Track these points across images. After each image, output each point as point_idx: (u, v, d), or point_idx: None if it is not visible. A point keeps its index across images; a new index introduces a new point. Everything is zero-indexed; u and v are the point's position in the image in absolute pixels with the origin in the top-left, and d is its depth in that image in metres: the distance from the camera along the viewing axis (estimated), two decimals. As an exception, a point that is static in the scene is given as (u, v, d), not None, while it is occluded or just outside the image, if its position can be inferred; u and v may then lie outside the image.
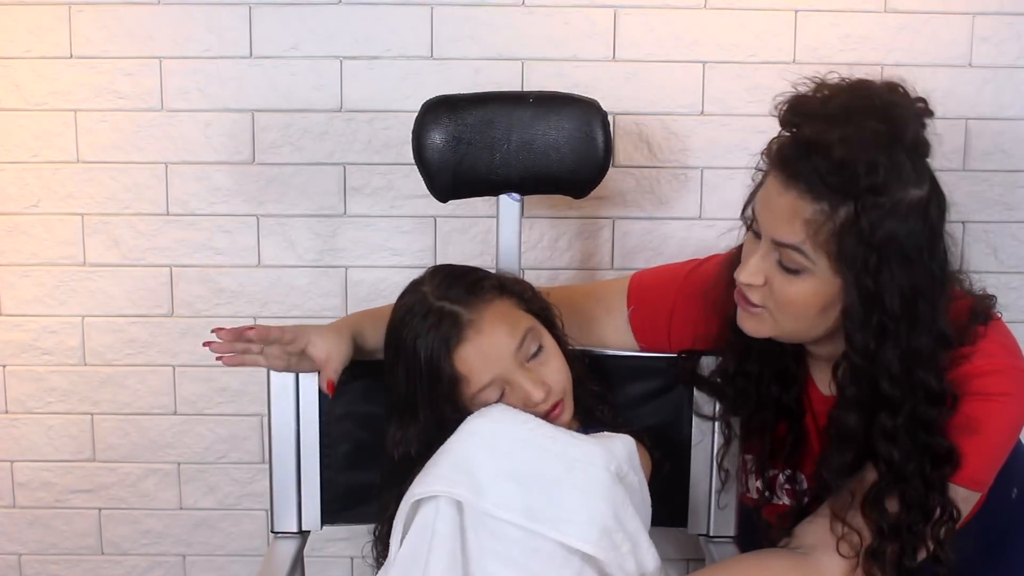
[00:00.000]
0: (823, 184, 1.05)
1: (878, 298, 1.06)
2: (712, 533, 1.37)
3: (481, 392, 1.16)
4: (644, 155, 1.78)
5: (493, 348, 1.15)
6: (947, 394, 1.10)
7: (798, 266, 1.09)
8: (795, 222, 1.08)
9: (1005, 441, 1.17)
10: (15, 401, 1.85)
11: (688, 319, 1.32)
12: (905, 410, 1.09)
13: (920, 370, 1.09)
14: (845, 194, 1.05)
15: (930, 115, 1.11)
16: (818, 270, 1.09)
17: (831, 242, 1.07)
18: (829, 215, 1.06)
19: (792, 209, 1.08)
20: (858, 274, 1.06)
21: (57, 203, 1.78)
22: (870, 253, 1.05)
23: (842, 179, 1.04)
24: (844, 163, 1.04)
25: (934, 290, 1.09)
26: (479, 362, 1.15)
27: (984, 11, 1.73)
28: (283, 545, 1.36)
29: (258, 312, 1.82)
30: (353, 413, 1.31)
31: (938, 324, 1.09)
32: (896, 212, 1.05)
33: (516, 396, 1.16)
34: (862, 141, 1.05)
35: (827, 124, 1.06)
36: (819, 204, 1.06)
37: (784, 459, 1.29)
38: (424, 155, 1.36)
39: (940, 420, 1.10)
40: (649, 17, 1.73)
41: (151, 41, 1.73)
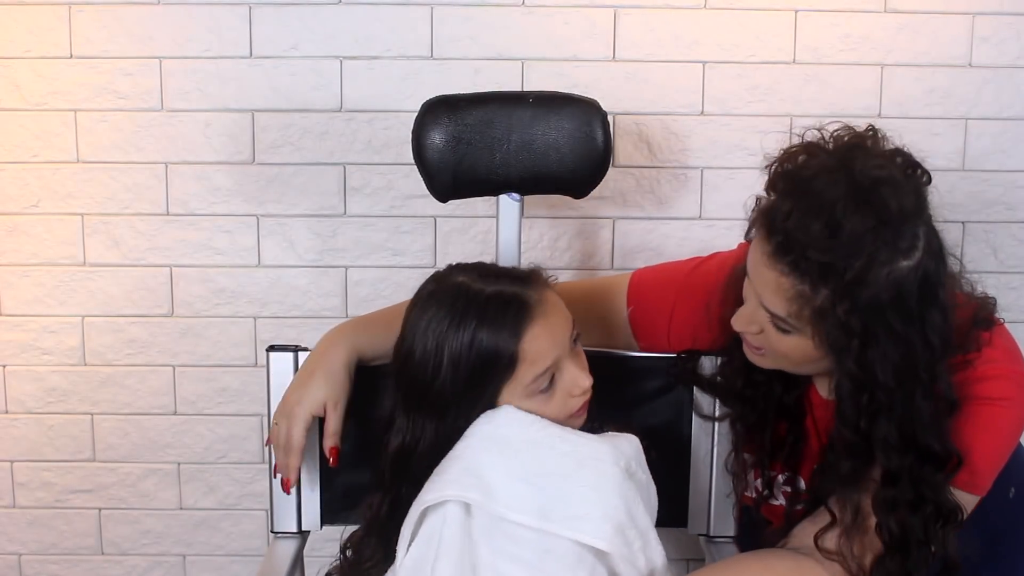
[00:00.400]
0: (803, 268, 1.04)
1: (866, 377, 1.06)
2: (712, 533, 1.37)
3: (541, 376, 1.11)
4: (644, 155, 1.78)
5: (559, 329, 1.13)
6: (952, 455, 1.09)
7: (788, 327, 1.10)
8: (779, 296, 1.07)
9: (1006, 445, 1.17)
10: (15, 401, 1.85)
11: (688, 320, 1.32)
12: (907, 475, 1.09)
13: (920, 434, 1.08)
14: (823, 284, 1.04)
15: (927, 182, 1.08)
16: (805, 338, 1.09)
17: (816, 322, 1.06)
18: (810, 297, 1.05)
19: (776, 284, 1.07)
20: (840, 356, 1.06)
21: (57, 203, 1.78)
22: (851, 338, 1.04)
23: (820, 272, 1.03)
24: (821, 261, 1.02)
25: (932, 355, 1.06)
26: (548, 342, 1.11)
27: (984, 11, 1.73)
28: (283, 545, 1.36)
29: (258, 312, 1.82)
30: (353, 413, 1.31)
31: (940, 387, 1.08)
32: (880, 292, 1.03)
33: (563, 383, 1.13)
34: (841, 239, 1.02)
35: (808, 216, 1.03)
36: (802, 284, 1.05)
37: (784, 460, 1.29)
38: (424, 155, 1.36)
39: (945, 427, 1.10)
40: (649, 17, 1.73)
41: (151, 41, 1.73)
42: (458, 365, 1.10)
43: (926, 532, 1.10)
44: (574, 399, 1.14)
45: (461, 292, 1.13)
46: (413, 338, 1.14)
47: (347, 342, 1.26)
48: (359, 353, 1.26)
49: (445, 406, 1.12)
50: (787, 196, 1.07)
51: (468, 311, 1.11)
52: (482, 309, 1.11)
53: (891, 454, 1.08)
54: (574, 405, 1.14)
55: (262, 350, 1.60)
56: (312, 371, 1.24)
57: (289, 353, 1.34)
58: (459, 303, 1.12)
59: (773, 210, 1.08)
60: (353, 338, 1.27)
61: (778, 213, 1.06)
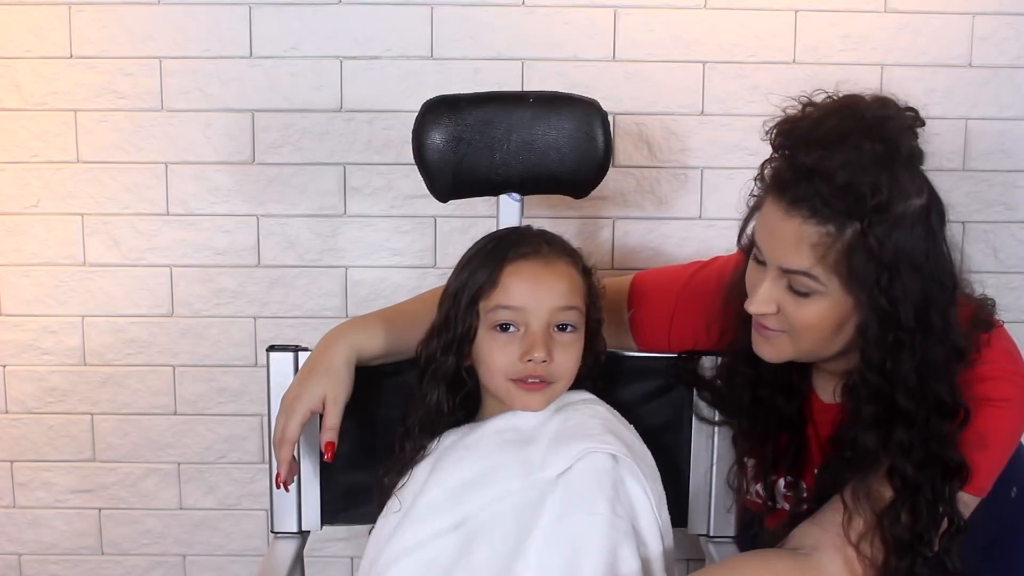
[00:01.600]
0: (827, 208, 1.05)
1: (893, 313, 1.06)
2: (712, 533, 1.37)
3: (502, 309, 1.17)
4: (644, 155, 1.78)
5: (544, 289, 1.17)
6: (959, 406, 1.10)
7: (809, 289, 1.09)
8: (802, 248, 1.07)
9: (1007, 446, 1.17)
10: (15, 401, 1.85)
11: (688, 325, 1.32)
12: (920, 423, 1.09)
13: (933, 382, 1.08)
14: (851, 215, 1.05)
15: (921, 124, 1.10)
16: (830, 291, 1.09)
17: (841, 263, 1.06)
18: (836, 237, 1.06)
19: (797, 235, 1.07)
20: (871, 292, 1.06)
21: (57, 203, 1.78)
22: (881, 270, 1.05)
23: (847, 202, 1.04)
24: (848, 187, 1.04)
25: (944, 299, 1.08)
26: (525, 286, 1.17)
27: (984, 11, 1.73)
28: (283, 545, 1.35)
29: (258, 312, 1.82)
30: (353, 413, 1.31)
31: (950, 334, 1.09)
32: (901, 225, 1.05)
33: (522, 342, 1.17)
34: (862, 163, 1.04)
35: (825, 149, 1.05)
36: (824, 227, 1.06)
37: (786, 466, 1.29)
38: (424, 155, 1.35)
39: (952, 433, 1.10)
40: (649, 17, 1.73)
41: (151, 41, 1.73)
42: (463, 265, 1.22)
43: (933, 489, 1.09)
44: (522, 365, 1.17)
45: (513, 229, 1.30)
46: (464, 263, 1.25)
47: (347, 340, 1.26)
48: (359, 351, 1.26)
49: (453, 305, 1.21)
50: (797, 147, 1.08)
51: (500, 234, 1.26)
52: (505, 237, 1.24)
53: (910, 398, 1.09)
54: (519, 371, 1.17)
55: (262, 350, 1.60)
56: (312, 368, 1.24)
57: (289, 353, 1.34)
58: (505, 232, 1.27)
59: (783, 167, 1.09)
60: (353, 337, 1.27)
61: (790, 165, 1.08)
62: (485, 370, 1.20)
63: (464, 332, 1.19)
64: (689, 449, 1.37)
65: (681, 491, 1.37)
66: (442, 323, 1.22)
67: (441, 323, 1.22)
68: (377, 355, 1.28)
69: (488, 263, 1.19)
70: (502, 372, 1.19)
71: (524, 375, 1.18)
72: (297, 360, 1.32)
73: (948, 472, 1.10)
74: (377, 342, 1.27)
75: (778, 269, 1.11)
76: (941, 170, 1.74)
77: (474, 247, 1.25)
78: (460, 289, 1.20)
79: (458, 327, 1.19)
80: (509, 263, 1.18)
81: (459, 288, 1.20)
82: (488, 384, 1.22)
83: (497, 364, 1.18)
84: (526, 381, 1.18)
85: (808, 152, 1.06)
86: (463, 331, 1.19)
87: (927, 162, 1.12)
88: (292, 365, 1.32)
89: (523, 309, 1.17)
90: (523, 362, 1.17)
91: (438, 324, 1.23)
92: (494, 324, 1.18)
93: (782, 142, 1.11)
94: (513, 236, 1.24)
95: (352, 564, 1.92)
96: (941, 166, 1.75)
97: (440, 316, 1.23)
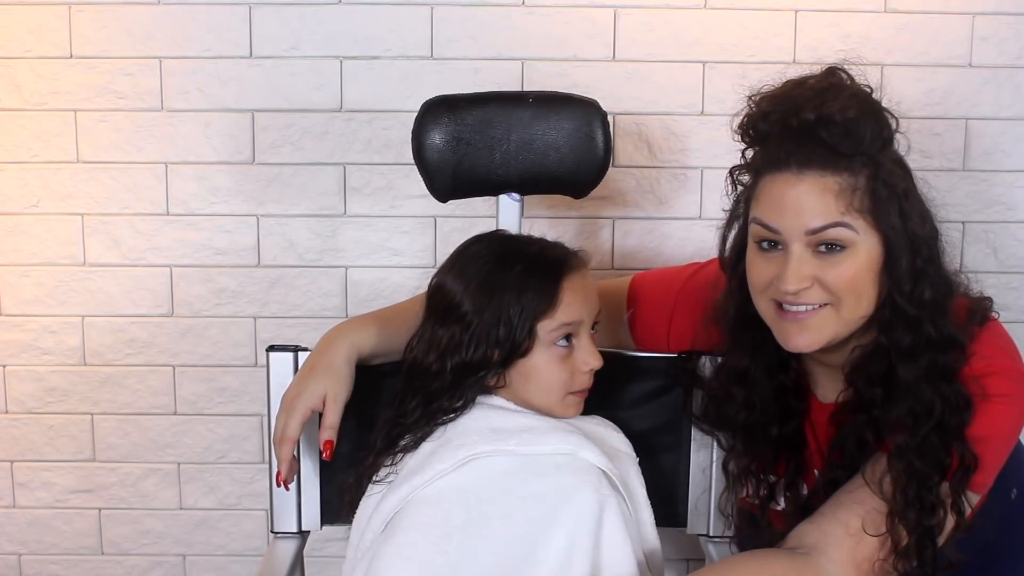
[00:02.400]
0: (838, 155, 1.09)
1: (915, 239, 1.11)
2: (712, 533, 1.37)
3: (566, 325, 1.17)
4: (644, 155, 1.78)
5: (591, 298, 1.21)
6: (957, 340, 1.13)
7: (842, 242, 1.10)
8: (827, 200, 1.09)
9: (1006, 442, 1.16)
10: (15, 401, 1.85)
11: (687, 325, 1.32)
12: (927, 357, 1.12)
13: (940, 316, 1.12)
14: (862, 154, 1.09)
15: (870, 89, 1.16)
16: (860, 237, 1.10)
17: (866, 202, 1.09)
18: (854, 179, 1.09)
19: (819, 191, 1.09)
20: (896, 222, 1.10)
21: (57, 203, 1.79)
22: (897, 199, 1.10)
23: (855, 141, 1.09)
24: (853, 129, 1.09)
25: (931, 232, 1.14)
26: (581, 298, 1.18)
27: (984, 11, 1.73)
28: (283, 545, 1.35)
29: (258, 312, 1.82)
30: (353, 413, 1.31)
31: (943, 269, 1.15)
32: (894, 159, 1.13)
33: (579, 352, 1.19)
34: (856, 105, 1.10)
35: (818, 100, 1.10)
36: (840, 175, 1.09)
37: (785, 466, 1.29)
38: (424, 155, 1.36)
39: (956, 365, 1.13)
40: (649, 17, 1.73)
41: (151, 41, 1.73)
42: (499, 300, 1.17)
43: (939, 489, 1.10)
44: (580, 375, 1.19)
45: (507, 241, 1.25)
46: (449, 271, 1.22)
47: (347, 339, 1.26)
48: (359, 350, 1.26)
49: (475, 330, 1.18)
50: (787, 115, 1.11)
51: (512, 256, 1.20)
52: (526, 256, 1.20)
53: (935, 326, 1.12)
54: (578, 382, 1.19)
55: (262, 350, 1.60)
56: (313, 367, 1.24)
57: (289, 353, 1.34)
58: (506, 249, 1.22)
59: (775, 142, 1.12)
60: (353, 335, 1.27)
61: (785, 134, 1.11)
62: (539, 386, 1.19)
63: (513, 353, 1.17)
64: (689, 449, 1.37)
65: (681, 491, 1.37)
66: (478, 340, 1.17)
67: (478, 340, 1.17)
68: (377, 354, 1.28)
69: (540, 284, 1.17)
70: (564, 386, 1.20)
71: (582, 386, 1.21)
72: (297, 360, 1.33)
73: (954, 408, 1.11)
74: (377, 341, 1.27)
75: (802, 237, 1.10)
76: (941, 170, 1.77)
77: (481, 265, 1.20)
78: (507, 312, 1.16)
79: (507, 349, 1.17)
80: (565, 279, 1.18)
81: (503, 314, 1.16)
82: (536, 398, 1.20)
83: (559, 380, 1.19)
84: (580, 391, 1.21)
85: (800, 114, 1.10)
86: (512, 352, 1.17)
87: (926, 163, 1.13)
88: (292, 365, 1.33)
89: (580, 323, 1.19)
90: (584, 372, 1.19)
91: (470, 339, 1.18)
92: (554, 341, 1.18)
93: (765, 119, 1.13)
94: (538, 247, 1.22)
95: (352, 564, 1.92)
96: (941, 166, 1.77)
97: (469, 334, 1.18)
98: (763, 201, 1.13)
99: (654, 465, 1.35)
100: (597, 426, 1.25)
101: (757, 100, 1.16)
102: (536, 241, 1.24)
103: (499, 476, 1.15)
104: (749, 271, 1.18)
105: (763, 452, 1.27)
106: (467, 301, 1.18)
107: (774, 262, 1.13)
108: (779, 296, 1.13)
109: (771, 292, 1.14)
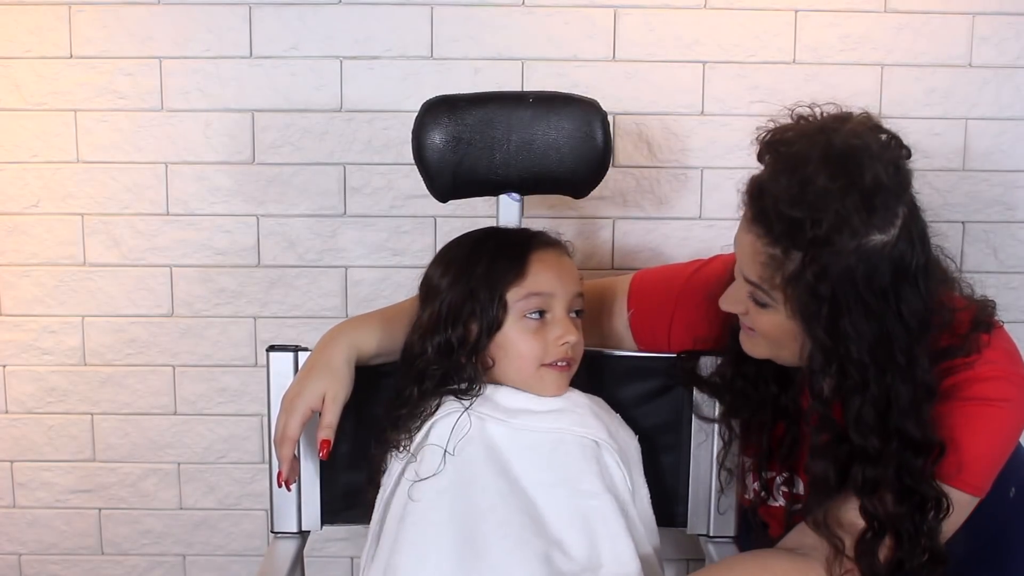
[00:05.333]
0: (774, 231, 1.06)
1: (836, 349, 1.06)
2: (712, 533, 1.37)
3: (535, 297, 1.20)
4: (644, 155, 1.78)
5: (566, 276, 1.24)
6: (933, 443, 1.09)
7: (764, 301, 1.11)
8: (755, 262, 1.09)
9: (1005, 446, 1.17)
10: (15, 401, 1.85)
11: (688, 323, 1.32)
12: (885, 460, 1.08)
13: (899, 419, 1.07)
14: (792, 244, 1.04)
15: (906, 155, 1.08)
16: (779, 309, 1.10)
17: (786, 288, 1.07)
18: (781, 262, 1.06)
19: (752, 249, 1.09)
20: (810, 324, 1.06)
21: (57, 203, 1.79)
22: (821, 304, 1.04)
23: (788, 229, 1.04)
24: (788, 216, 1.04)
25: (909, 337, 1.06)
26: (551, 273, 1.22)
27: (984, 11, 1.73)
28: (283, 545, 1.36)
29: (258, 312, 1.82)
30: (353, 414, 1.31)
31: (916, 372, 1.07)
32: (849, 262, 1.02)
33: (552, 326, 1.21)
34: (806, 195, 1.03)
35: (778, 173, 1.06)
36: (774, 249, 1.06)
37: (781, 461, 1.29)
38: (424, 155, 1.36)
39: (927, 467, 1.09)
40: (649, 17, 1.73)
41: (151, 41, 1.73)
42: (471, 273, 1.22)
43: (914, 522, 1.09)
44: (556, 348, 1.21)
45: (491, 229, 1.31)
46: (435, 259, 1.28)
47: (347, 339, 1.26)
48: (359, 350, 1.26)
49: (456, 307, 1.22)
50: (769, 163, 1.10)
51: (488, 237, 1.27)
52: (500, 233, 1.29)
53: (867, 435, 1.08)
54: (553, 354, 1.21)
55: (262, 350, 1.60)
56: (312, 366, 1.25)
57: (289, 353, 1.34)
58: (481, 235, 1.28)
59: (756, 178, 1.11)
60: (353, 335, 1.27)
61: (759, 179, 1.10)
62: (513, 359, 1.22)
63: (489, 326, 1.20)
64: (689, 449, 1.37)
65: (681, 491, 1.37)
66: (455, 316, 1.21)
67: (455, 316, 1.21)
68: (377, 354, 1.28)
69: (510, 254, 1.22)
70: (536, 359, 1.22)
71: (557, 358, 1.22)
72: (297, 360, 1.33)
73: (925, 506, 1.09)
74: (377, 341, 1.28)
75: (741, 276, 1.13)
76: (941, 170, 1.77)
77: (464, 248, 1.26)
78: (477, 285, 1.21)
79: (481, 323, 1.20)
80: (533, 251, 1.22)
81: (475, 284, 1.21)
82: (512, 373, 1.23)
83: (531, 352, 1.21)
84: (556, 364, 1.22)
85: (771, 172, 1.08)
86: (487, 326, 1.20)
87: (926, 163, 1.12)
88: (292, 365, 1.33)
89: (552, 295, 1.21)
90: (558, 345, 1.21)
91: (447, 318, 1.22)
92: (525, 313, 1.21)
93: (761, 155, 1.12)
94: (512, 230, 1.27)
95: (352, 564, 1.92)
96: (941, 166, 1.77)
97: (445, 312, 1.22)
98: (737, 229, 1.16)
99: (654, 465, 1.35)
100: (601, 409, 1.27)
101: (778, 123, 1.12)
102: (517, 228, 1.30)
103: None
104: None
105: (761, 427, 1.28)
106: (444, 280, 1.24)
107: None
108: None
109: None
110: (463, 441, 1.19)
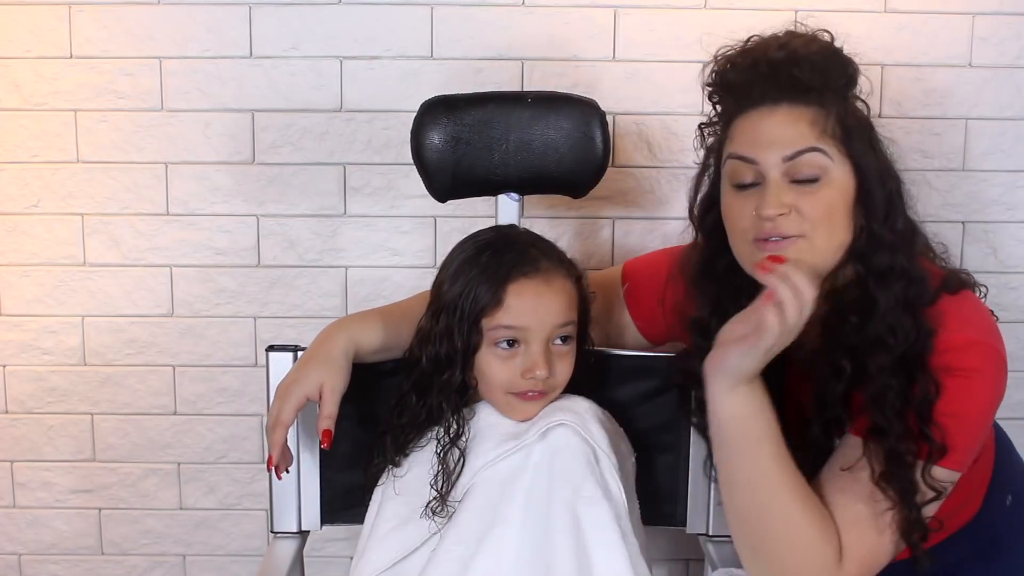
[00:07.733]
0: (809, 89, 1.13)
1: (885, 169, 1.15)
2: (712, 533, 1.37)
3: (505, 328, 1.19)
4: (644, 155, 1.78)
5: (546, 307, 1.20)
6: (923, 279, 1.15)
7: (816, 171, 1.12)
8: (800, 127, 1.13)
9: (982, 417, 1.13)
10: (15, 401, 1.85)
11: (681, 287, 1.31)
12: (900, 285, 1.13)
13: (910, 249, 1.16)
14: (831, 89, 1.15)
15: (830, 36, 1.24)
16: (834, 164, 1.12)
17: (837, 129, 1.13)
18: (826, 110, 1.13)
19: (792, 119, 1.13)
20: (866, 152, 1.14)
21: (57, 203, 1.79)
22: (866, 132, 1.16)
23: (823, 76, 1.14)
24: (818, 63, 1.15)
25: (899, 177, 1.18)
26: (528, 305, 1.19)
27: (984, 11, 1.73)
28: (283, 545, 1.36)
29: (258, 312, 1.82)
30: (353, 413, 1.31)
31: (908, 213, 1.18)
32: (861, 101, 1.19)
33: (523, 359, 1.19)
34: (818, 46, 1.18)
35: (784, 43, 1.18)
36: (811, 107, 1.13)
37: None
38: (423, 155, 1.36)
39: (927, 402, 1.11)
40: (649, 17, 1.73)
41: (151, 41, 1.73)
42: (458, 290, 1.21)
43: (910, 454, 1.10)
44: (522, 380, 1.19)
45: (508, 233, 1.28)
46: (443, 263, 1.27)
47: (346, 333, 1.26)
48: (358, 344, 1.26)
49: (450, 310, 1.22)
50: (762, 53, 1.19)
51: (493, 245, 1.23)
52: (503, 250, 1.22)
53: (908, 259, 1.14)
54: (519, 386, 1.20)
55: (262, 350, 1.60)
56: (310, 357, 1.24)
57: (289, 353, 1.34)
58: (497, 241, 1.25)
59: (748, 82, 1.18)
60: (353, 329, 1.27)
61: (756, 72, 1.17)
62: (485, 382, 1.22)
63: (465, 348, 1.20)
64: (687, 449, 1.37)
65: (679, 491, 1.38)
66: (443, 332, 1.21)
67: (442, 332, 1.22)
68: (376, 349, 1.28)
69: (489, 281, 1.19)
70: (502, 387, 1.21)
71: (524, 390, 1.20)
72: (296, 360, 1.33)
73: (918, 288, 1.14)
74: (376, 336, 1.27)
75: (779, 165, 1.13)
76: (941, 170, 1.77)
77: (466, 253, 1.25)
78: (459, 305, 1.20)
79: (458, 343, 1.20)
80: (512, 282, 1.19)
81: (458, 303, 1.20)
82: (486, 394, 1.24)
83: (498, 379, 1.21)
84: (525, 394, 1.21)
85: (768, 56, 1.17)
86: (463, 347, 1.20)
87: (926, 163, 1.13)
88: (292, 365, 1.32)
89: (525, 328, 1.19)
90: (525, 378, 1.19)
91: (439, 331, 1.22)
92: (495, 341, 1.20)
93: (734, 68, 1.20)
94: (509, 248, 1.23)
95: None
96: (941, 166, 1.77)
97: (439, 324, 1.22)
98: (738, 138, 1.18)
99: (653, 465, 1.35)
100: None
101: (722, 56, 1.23)
102: (525, 240, 1.25)
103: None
104: (727, 214, 1.19)
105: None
106: (440, 289, 1.24)
107: (752, 198, 1.14)
108: (758, 229, 1.13)
109: (751, 230, 1.14)
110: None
